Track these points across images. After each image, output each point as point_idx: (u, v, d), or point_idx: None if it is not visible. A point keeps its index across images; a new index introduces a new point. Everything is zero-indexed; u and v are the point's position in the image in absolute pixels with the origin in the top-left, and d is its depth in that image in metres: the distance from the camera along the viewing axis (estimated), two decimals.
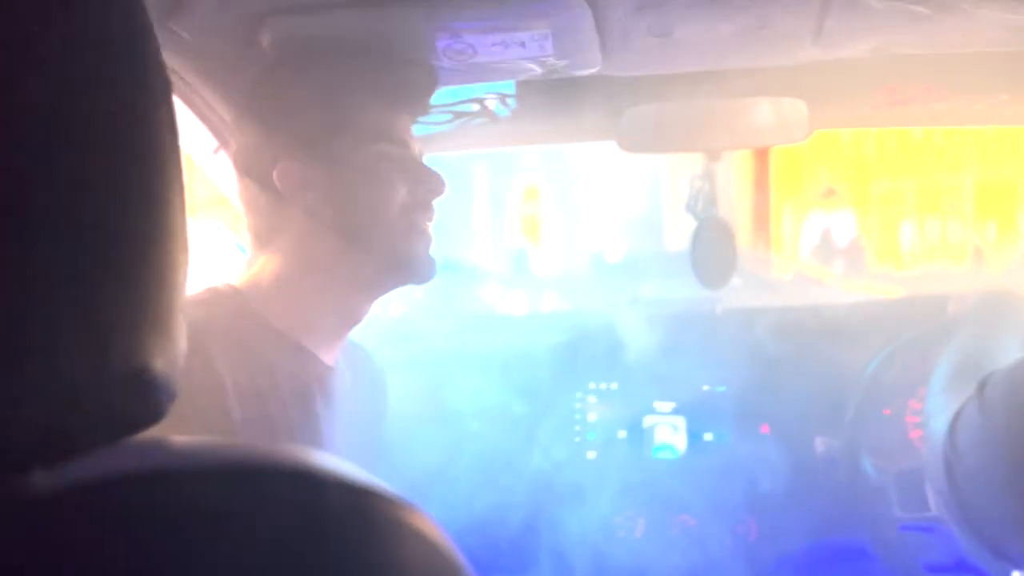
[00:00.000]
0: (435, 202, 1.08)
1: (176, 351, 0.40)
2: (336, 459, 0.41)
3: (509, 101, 1.34)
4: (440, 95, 1.30)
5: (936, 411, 0.95)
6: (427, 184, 1.05)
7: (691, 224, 1.35)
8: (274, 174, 1.00)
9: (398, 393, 1.45)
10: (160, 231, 0.38)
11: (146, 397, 0.38)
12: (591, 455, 1.46)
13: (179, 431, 0.41)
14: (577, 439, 1.47)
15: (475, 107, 1.35)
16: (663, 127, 1.24)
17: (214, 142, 1.29)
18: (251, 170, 1.04)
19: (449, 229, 1.11)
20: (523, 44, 1.08)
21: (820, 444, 1.30)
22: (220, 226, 1.48)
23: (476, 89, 1.33)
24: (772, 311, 1.44)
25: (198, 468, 0.37)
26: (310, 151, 1.01)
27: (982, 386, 0.81)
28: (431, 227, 1.08)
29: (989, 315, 1.14)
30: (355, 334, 1.12)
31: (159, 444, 0.39)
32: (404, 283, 1.07)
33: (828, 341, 1.33)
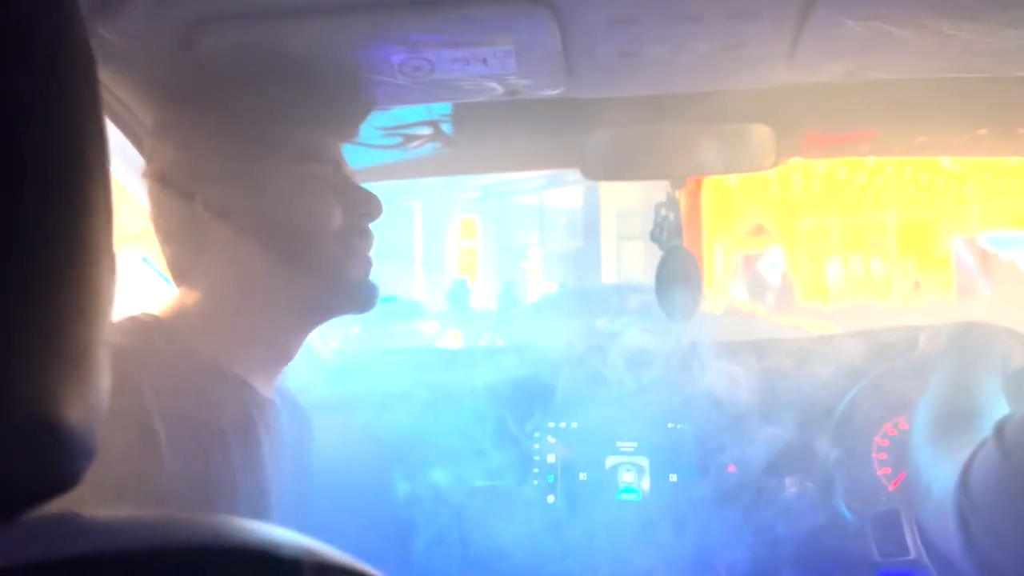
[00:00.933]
0: (372, 226, 1.02)
1: (97, 398, 0.31)
2: (299, 534, 0.33)
3: (464, 125, 1.27)
4: (390, 117, 1.23)
5: (932, 462, 0.89)
6: (363, 207, 0.99)
7: (629, 257, 1.30)
8: (199, 196, 0.91)
9: (332, 436, 1.35)
10: (79, 241, 0.29)
11: (58, 457, 0.29)
12: (551, 499, 1.38)
13: (98, 492, 0.33)
14: (536, 482, 1.39)
15: (428, 131, 1.28)
16: (628, 153, 1.19)
17: (142, 162, 1.19)
18: (174, 190, 0.94)
19: (388, 264, 1.05)
20: (485, 61, 1.01)
21: (791, 485, 1.25)
22: (145, 259, 1.38)
23: (422, 112, 1.26)
24: (739, 344, 1.39)
25: (133, 552, 0.28)
26: (239, 172, 0.93)
27: (1000, 430, 0.75)
28: (370, 252, 1.01)
29: (965, 350, 1.11)
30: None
31: (74, 522, 0.30)
32: (343, 312, 1.00)
33: (798, 375, 1.28)
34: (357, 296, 0.99)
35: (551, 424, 1.42)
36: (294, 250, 0.94)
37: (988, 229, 12.36)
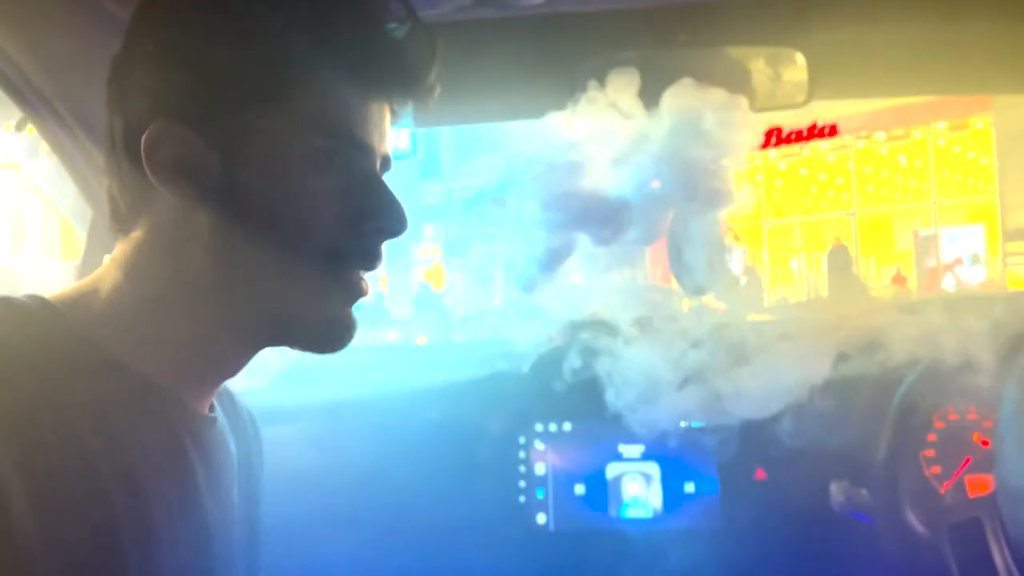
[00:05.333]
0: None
1: None
2: None
3: None
4: None
5: None
6: (379, 219, 0.71)
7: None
8: (145, 135, 0.65)
9: (282, 449, 1.13)
10: None
11: None
12: (541, 519, 1.15)
13: None
14: (522, 498, 1.19)
15: None
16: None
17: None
18: (117, 126, 0.68)
19: None
20: None
21: (839, 493, 1.03)
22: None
23: None
24: (764, 326, 1.17)
25: None
26: (206, 115, 0.66)
27: None
28: (364, 280, 0.73)
29: None
30: None
31: None
32: (303, 349, 0.74)
33: (840, 358, 1.06)
34: (319, 336, 0.73)
35: (539, 427, 1.22)
36: (245, 254, 0.68)
37: (947, 224, 12.53)
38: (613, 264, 1.18)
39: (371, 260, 0.72)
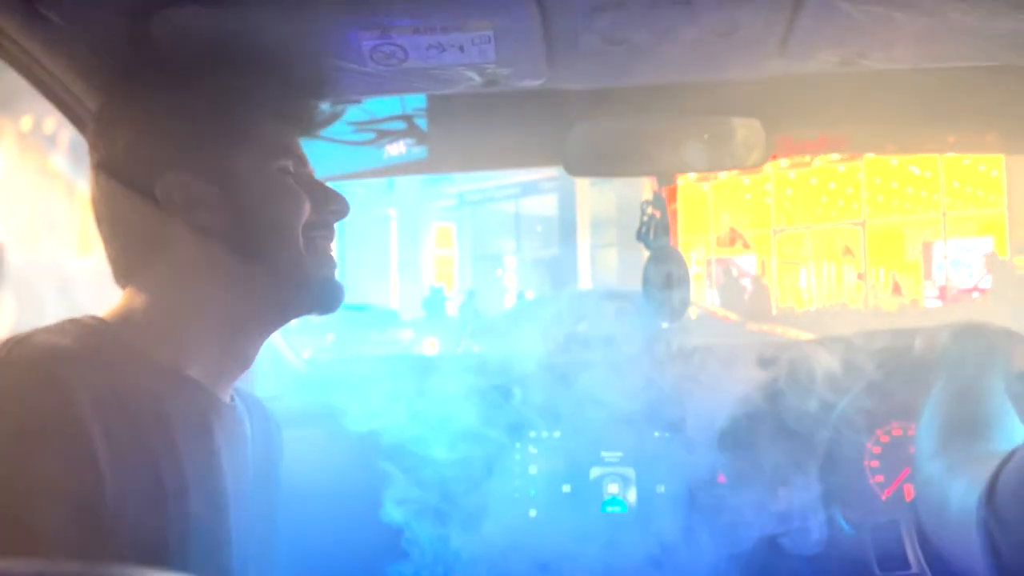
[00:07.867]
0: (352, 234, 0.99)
1: None
2: None
3: (439, 120, 1.21)
4: (361, 111, 1.17)
5: (944, 475, 0.84)
6: (332, 204, 0.96)
7: (604, 264, 1.25)
8: (157, 187, 0.85)
9: (304, 447, 1.28)
10: None
11: None
12: (533, 513, 1.31)
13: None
14: (517, 495, 1.32)
15: (402, 126, 1.21)
16: (612, 147, 1.13)
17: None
18: (126, 181, 0.87)
19: (363, 271, 1.02)
20: (462, 48, 0.95)
21: (785, 496, 1.19)
22: None
23: (395, 106, 1.20)
24: (729, 349, 1.33)
25: None
26: (199, 162, 0.88)
27: None
28: (333, 251, 0.99)
29: (966, 354, 1.06)
30: (247, 384, 0.99)
31: None
32: (307, 312, 0.97)
33: (790, 381, 1.22)
34: (322, 295, 0.95)
35: (532, 434, 1.35)
36: (257, 247, 0.90)
37: (956, 235, 12.55)
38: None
39: (331, 234, 0.98)
